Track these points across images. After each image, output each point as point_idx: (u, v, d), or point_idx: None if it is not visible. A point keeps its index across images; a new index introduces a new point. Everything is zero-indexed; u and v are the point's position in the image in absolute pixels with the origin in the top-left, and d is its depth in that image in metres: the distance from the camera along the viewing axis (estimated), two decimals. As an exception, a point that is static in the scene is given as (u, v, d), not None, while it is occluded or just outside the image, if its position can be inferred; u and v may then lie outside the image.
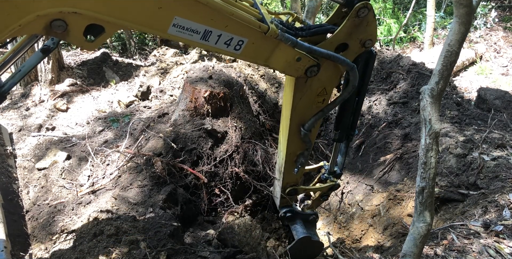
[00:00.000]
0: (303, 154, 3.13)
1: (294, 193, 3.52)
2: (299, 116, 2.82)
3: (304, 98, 2.70)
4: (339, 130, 3.19)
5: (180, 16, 1.93)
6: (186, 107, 4.76)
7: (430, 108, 2.02)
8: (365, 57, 2.75)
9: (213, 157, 4.62)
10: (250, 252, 3.78)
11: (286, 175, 3.31)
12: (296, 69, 2.43)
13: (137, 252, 3.07)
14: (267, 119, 5.63)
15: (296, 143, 3.02)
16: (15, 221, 4.10)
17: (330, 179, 3.59)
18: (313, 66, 2.43)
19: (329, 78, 2.64)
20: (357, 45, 2.54)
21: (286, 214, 3.61)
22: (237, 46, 2.19)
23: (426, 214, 2.11)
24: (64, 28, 1.74)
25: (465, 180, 4.04)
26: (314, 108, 2.79)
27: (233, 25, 2.08)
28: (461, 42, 1.95)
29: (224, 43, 2.15)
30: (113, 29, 1.88)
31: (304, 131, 2.87)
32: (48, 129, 5.77)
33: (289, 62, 2.37)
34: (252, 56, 2.32)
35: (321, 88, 2.68)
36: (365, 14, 2.36)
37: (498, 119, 5.27)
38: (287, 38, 2.21)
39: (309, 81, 2.59)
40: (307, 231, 3.63)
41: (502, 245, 2.87)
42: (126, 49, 11.55)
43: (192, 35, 2.04)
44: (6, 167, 4.81)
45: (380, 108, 5.93)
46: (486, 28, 10.98)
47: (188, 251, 3.28)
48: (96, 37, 1.88)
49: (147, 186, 4.18)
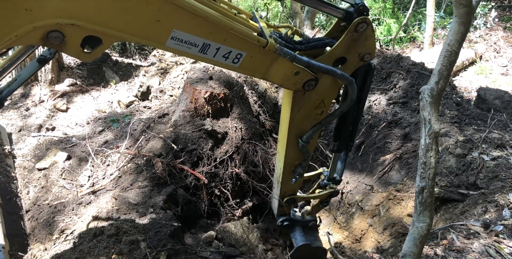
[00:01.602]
0: (301, 164, 3.12)
1: (293, 202, 3.50)
2: (297, 128, 2.82)
3: (302, 111, 2.69)
4: (337, 141, 3.17)
5: (179, 29, 1.92)
6: (186, 107, 4.76)
7: (430, 108, 2.02)
8: (364, 70, 2.73)
9: (213, 158, 4.62)
10: (248, 253, 3.77)
11: (284, 184, 3.30)
12: (294, 83, 2.43)
13: (137, 252, 3.08)
14: (267, 119, 5.63)
15: (294, 154, 3.01)
16: (14, 221, 4.10)
17: (329, 186, 3.54)
18: (311, 80, 2.43)
19: (327, 91, 2.64)
20: (356, 59, 2.53)
21: (283, 223, 3.57)
22: (235, 59, 2.19)
23: (426, 214, 2.11)
24: (61, 39, 1.73)
25: (465, 180, 4.04)
26: (312, 120, 2.79)
27: (232, 39, 2.08)
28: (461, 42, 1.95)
29: (222, 56, 2.14)
30: (110, 40, 1.87)
31: (302, 143, 2.87)
32: (48, 129, 5.77)
33: (287, 76, 2.37)
34: (251, 70, 2.33)
35: (319, 101, 2.68)
36: (364, 29, 2.35)
37: (497, 119, 5.27)
38: (286, 53, 2.21)
39: (307, 94, 2.59)
40: (307, 238, 3.58)
41: (502, 245, 2.87)
42: (126, 49, 11.54)
43: (190, 48, 2.03)
44: (5, 167, 4.81)
45: (380, 108, 5.93)
46: (486, 28, 10.98)
47: (188, 251, 3.28)
48: (93, 48, 1.86)
49: (148, 186, 4.18)
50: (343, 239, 4.81)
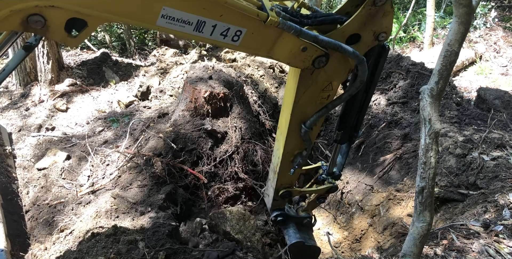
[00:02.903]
0: (302, 154, 2.92)
1: (288, 196, 3.27)
2: (301, 112, 2.61)
3: (308, 92, 2.49)
4: (341, 131, 2.98)
5: (169, 6, 1.78)
6: (186, 107, 4.76)
7: (430, 108, 2.02)
8: (377, 51, 2.53)
9: (213, 157, 4.62)
10: (244, 241, 3.62)
11: (281, 175, 3.07)
12: (303, 60, 2.22)
13: (136, 252, 3.07)
14: (267, 119, 5.63)
15: (295, 142, 2.81)
16: (14, 221, 4.09)
17: (328, 181, 3.35)
18: (321, 56, 2.22)
19: (336, 72, 2.42)
20: (370, 38, 2.31)
21: (277, 218, 3.36)
22: (235, 37, 2.00)
23: (426, 214, 2.11)
24: (42, 23, 1.61)
25: (465, 180, 4.04)
26: (318, 104, 2.58)
27: (229, 14, 1.90)
28: (461, 42, 1.95)
29: (220, 34, 1.96)
30: (96, 23, 1.75)
31: (305, 128, 2.67)
32: (48, 129, 5.76)
33: (294, 53, 2.17)
34: (253, 47, 2.13)
35: (327, 82, 2.47)
36: (383, 3, 2.15)
37: (497, 119, 5.27)
38: (290, 27, 2.01)
39: (315, 74, 2.38)
40: (301, 235, 3.39)
41: (502, 245, 2.87)
42: (126, 49, 11.54)
43: (184, 26, 1.87)
44: (5, 167, 4.81)
45: (380, 108, 5.93)
46: (486, 28, 10.98)
47: (187, 251, 3.28)
48: (79, 32, 1.73)
49: (147, 186, 4.18)
50: (343, 239, 4.81)
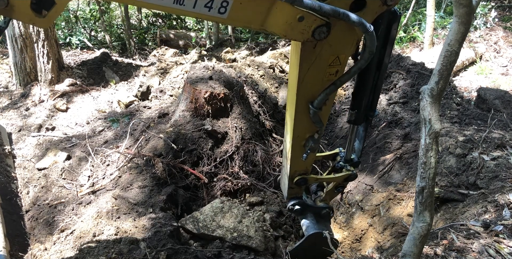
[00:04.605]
0: (313, 137, 2.64)
1: (304, 183, 3.02)
2: (307, 91, 2.35)
3: (312, 69, 2.21)
4: (355, 110, 2.72)
5: None
6: (186, 107, 4.76)
7: (430, 108, 2.02)
8: (387, 18, 2.27)
9: (213, 157, 4.62)
10: (228, 234, 3.57)
11: (293, 162, 2.82)
12: (301, 32, 1.95)
13: (137, 252, 3.08)
14: (267, 119, 5.63)
15: (305, 124, 2.55)
16: (14, 221, 4.10)
17: (346, 168, 3.11)
18: (321, 26, 1.95)
19: (342, 44, 2.12)
20: (377, 2, 2.02)
21: (294, 207, 3.13)
22: (221, 8, 1.78)
23: (426, 214, 2.11)
24: (5, 3, 1.51)
25: (465, 180, 4.04)
26: (325, 81, 2.30)
27: None
28: (461, 42, 1.95)
29: (204, 6, 1.76)
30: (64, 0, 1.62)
31: (314, 109, 2.40)
32: (48, 129, 5.77)
33: (290, 24, 1.90)
34: (243, 20, 1.91)
35: (334, 57, 2.18)
36: None
37: (498, 119, 5.27)
38: None
39: (318, 47, 2.10)
40: (319, 226, 3.21)
41: (502, 245, 2.87)
42: (126, 49, 11.54)
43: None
44: (5, 167, 4.81)
45: (380, 108, 5.94)
46: (486, 28, 10.97)
47: (188, 251, 3.28)
48: (48, 11, 1.62)
49: (148, 186, 4.18)
50: (343, 239, 4.81)
